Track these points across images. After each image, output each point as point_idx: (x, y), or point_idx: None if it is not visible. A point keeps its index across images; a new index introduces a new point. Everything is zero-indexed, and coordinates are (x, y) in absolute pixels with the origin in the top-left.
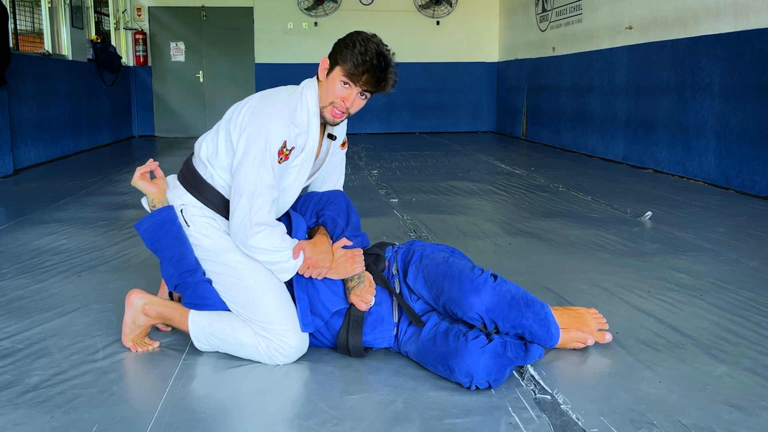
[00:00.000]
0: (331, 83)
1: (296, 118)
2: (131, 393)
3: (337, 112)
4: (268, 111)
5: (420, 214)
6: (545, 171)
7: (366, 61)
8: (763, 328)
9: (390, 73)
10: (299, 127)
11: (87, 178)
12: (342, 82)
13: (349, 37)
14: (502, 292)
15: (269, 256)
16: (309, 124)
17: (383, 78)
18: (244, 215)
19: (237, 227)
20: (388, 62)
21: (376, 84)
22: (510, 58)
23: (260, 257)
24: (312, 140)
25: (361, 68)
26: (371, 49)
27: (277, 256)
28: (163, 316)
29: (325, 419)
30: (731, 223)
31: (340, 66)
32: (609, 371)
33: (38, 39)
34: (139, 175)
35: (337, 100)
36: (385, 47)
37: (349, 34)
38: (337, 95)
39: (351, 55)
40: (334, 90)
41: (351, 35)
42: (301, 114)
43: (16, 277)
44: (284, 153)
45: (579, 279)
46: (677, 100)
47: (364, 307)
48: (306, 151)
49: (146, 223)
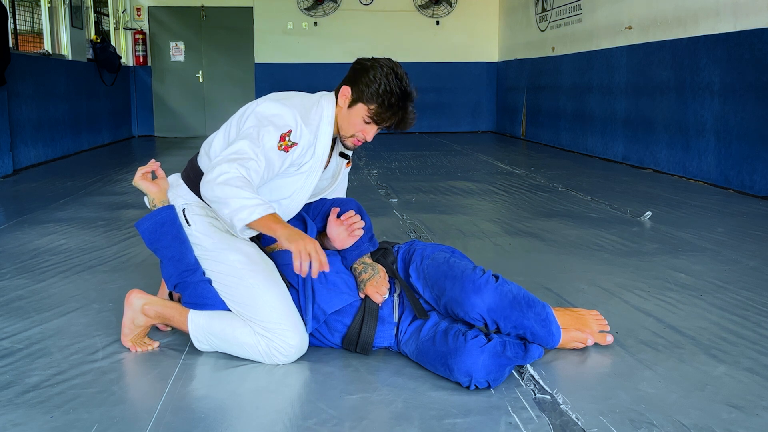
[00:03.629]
0: (354, 117)
1: (308, 119)
2: (131, 393)
3: (357, 142)
4: (283, 102)
5: (420, 214)
6: (545, 171)
7: (392, 105)
8: (762, 328)
9: (412, 115)
10: (308, 127)
11: (86, 178)
12: (365, 121)
13: (374, 72)
14: (503, 292)
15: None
16: (320, 131)
17: (406, 120)
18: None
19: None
20: (411, 103)
21: (397, 126)
22: (510, 58)
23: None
24: (322, 149)
25: (388, 114)
26: (396, 92)
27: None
28: (163, 316)
29: (325, 419)
30: (731, 223)
31: (364, 105)
32: (608, 371)
33: (38, 39)
34: (141, 175)
35: (359, 134)
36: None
37: (373, 64)
38: (359, 129)
39: (377, 96)
40: (357, 124)
41: (376, 69)
42: (314, 118)
43: (15, 277)
44: (286, 142)
45: (579, 279)
46: (677, 100)
47: (379, 299)
48: (315, 159)
49: (146, 223)
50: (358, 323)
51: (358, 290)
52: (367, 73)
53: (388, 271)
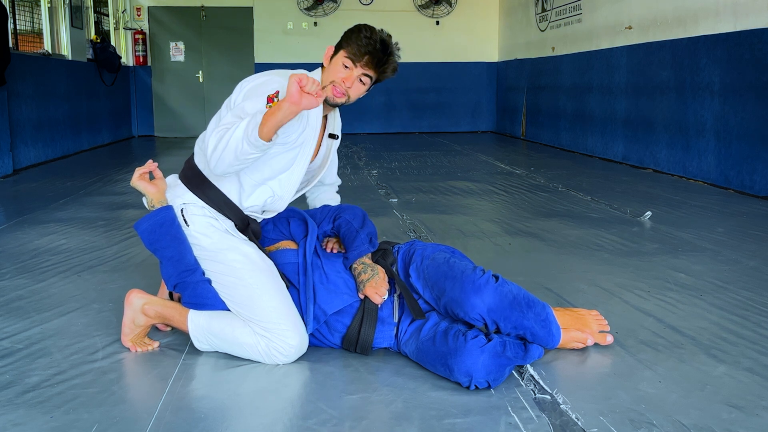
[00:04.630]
0: (333, 65)
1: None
2: (131, 393)
3: (337, 91)
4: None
5: (419, 214)
6: (545, 171)
7: (370, 43)
8: (762, 328)
9: (391, 58)
10: None
11: (86, 178)
12: (344, 64)
13: (356, 27)
14: (503, 292)
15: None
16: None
17: (384, 62)
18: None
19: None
20: (390, 49)
21: (376, 67)
22: (509, 58)
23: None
24: (314, 116)
25: (364, 49)
26: (376, 35)
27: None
28: (163, 316)
29: (325, 419)
30: (730, 223)
31: (343, 49)
32: (608, 371)
33: (38, 39)
34: (138, 176)
35: (338, 80)
36: (390, 37)
37: (357, 25)
38: (338, 75)
39: (356, 38)
40: (336, 71)
41: (358, 25)
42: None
43: (15, 277)
44: (275, 103)
45: (578, 279)
46: (677, 100)
47: (378, 300)
48: (310, 128)
49: (145, 223)
50: (357, 324)
51: (357, 291)
52: (350, 29)
53: (387, 272)
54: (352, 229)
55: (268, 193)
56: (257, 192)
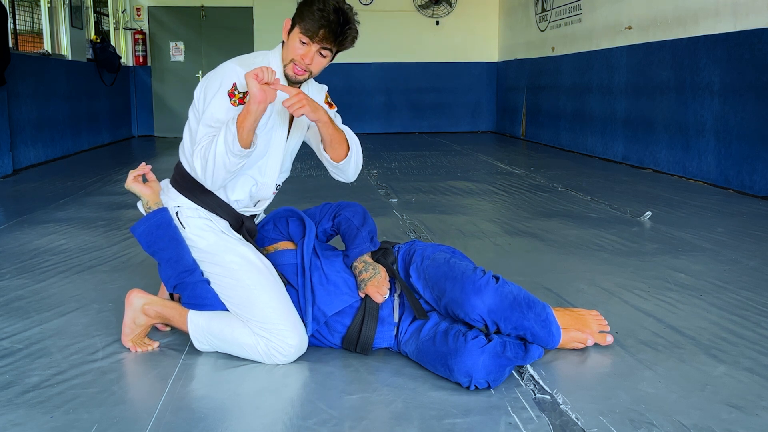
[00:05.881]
0: (291, 42)
1: (248, 64)
2: (131, 393)
3: (298, 69)
4: (219, 67)
5: (419, 214)
6: (545, 171)
7: (323, 17)
8: (762, 328)
9: (348, 28)
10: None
11: (86, 178)
12: (300, 41)
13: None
14: (504, 293)
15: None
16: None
17: (341, 33)
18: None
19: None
20: (347, 18)
21: (333, 40)
22: (509, 58)
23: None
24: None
25: (318, 24)
26: (329, 6)
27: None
28: (163, 316)
29: (325, 419)
30: (730, 223)
31: (298, 24)
32: (608, 371)
33: (38, 39)
34: (132, 178)
35: (297, 57)
36: (345, 4)
37: None
38: (296, 53)
39: (309, 12)
40: (294, 48)
41: None
42: (256, 62)
43: (15, 277)
44: (237, 96)
45: (578, 279)
46: (677, 100)
47: (380, 299)
48: (275, 115)
49: (142, 226)
50: (358, 323)
51: (358, 289)
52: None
53: (388, 271)
54: (352, 227)
55: (250, 183)
56: (240, 184)
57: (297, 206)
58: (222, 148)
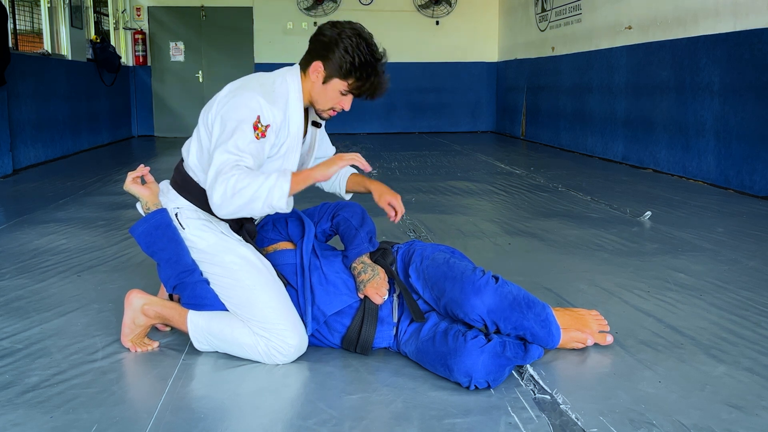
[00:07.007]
0: (330, 92)
1: (272, 98)
2: (130, 393)
3: (334, 113)
4: (241, 93)
5: (419, 214)
6: (545, 171)
7: (369, 74)
8: (762, 328)
9: (386, 79)
10: (275, 105)
11: (86, 178)
12: (340, 92)
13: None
14: (503, 293)
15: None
16: (289, 107)
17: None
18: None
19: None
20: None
21: (373, 94)
22: (509, 57)
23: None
24: (295, 126)
25: (366, 85)
26: (371, 62)
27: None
28: (163, 316)
29: (325, 419)
30: (730, 223)
31: (341, 80)
32: (608, 371)
33: (37, 39)
34: (131, 180)
35: (337, 106)
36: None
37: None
38: (337, 102)
39: (354, 71)
40: (334, 98)
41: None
42: (279, 95)
43: (15, 277)
44: (260, 129)
45: (578, 279)
46: (677, 100)
47: (379, 300)
48: (291, 138)
49: (141, 227)
50: (357, 324)
51: (357, 290)
52: (336, 46)
53: (387, 272)
54: (351, 227)
55: None
56: None
57: (296, 206)
58: (263, 194)
